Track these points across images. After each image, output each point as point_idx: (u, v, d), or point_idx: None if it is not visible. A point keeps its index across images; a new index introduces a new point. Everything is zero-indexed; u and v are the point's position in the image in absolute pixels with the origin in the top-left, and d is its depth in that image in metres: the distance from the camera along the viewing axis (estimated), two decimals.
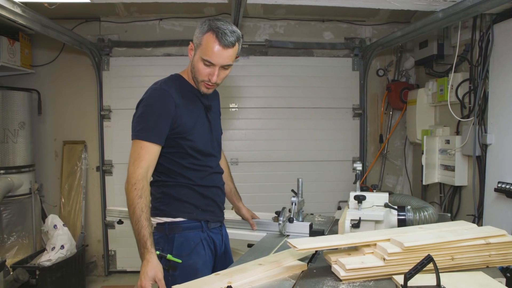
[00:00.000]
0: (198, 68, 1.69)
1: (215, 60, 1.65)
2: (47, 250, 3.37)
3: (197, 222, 1.78)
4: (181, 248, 1.73)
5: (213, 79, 1.69)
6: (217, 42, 1.62)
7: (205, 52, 1.64)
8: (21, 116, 3.63)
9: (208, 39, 1.63)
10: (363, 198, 1.87)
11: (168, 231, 1.76)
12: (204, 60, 1.66)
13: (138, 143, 1.64)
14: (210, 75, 1.69)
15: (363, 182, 4.21)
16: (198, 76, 1.71)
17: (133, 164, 1.61)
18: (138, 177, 1.59)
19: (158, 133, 1.65)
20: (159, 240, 1.75)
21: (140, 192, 1.58)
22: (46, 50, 4.04)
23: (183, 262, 1.68)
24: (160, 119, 1.65)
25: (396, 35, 3.49)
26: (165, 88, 1.70)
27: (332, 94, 4.22)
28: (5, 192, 3.39)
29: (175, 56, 4.10)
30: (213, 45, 1.63)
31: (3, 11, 2.51)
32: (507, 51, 2.65)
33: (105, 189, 4.12)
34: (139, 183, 1.58)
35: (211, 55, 1.64)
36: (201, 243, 1.78)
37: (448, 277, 1.33)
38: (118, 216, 2.82)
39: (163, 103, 1.67)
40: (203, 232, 1.79)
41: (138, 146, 1.63)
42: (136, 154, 1.62)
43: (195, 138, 1.75)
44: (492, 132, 2.80)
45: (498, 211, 2.72)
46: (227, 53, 1.65)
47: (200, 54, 1.66)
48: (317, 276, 1.48)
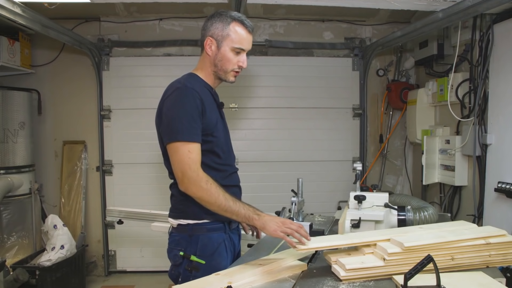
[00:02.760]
0: (229, 58, 1.74)
1: (246, 45, 1.74)
2: (47, 250, 3.37)
3: (220, 223, 1.76)
4: (205, 249, 1.71)
5: (245, 64, 1.76)
6: (245, 29, 1.73)
7: (236, 40, 1.72)
8: (21, 116, 3.63)
9: (235, 28, 1.72)
10: (363, 198, 1.87)
11: (192, 231, 1.73)
12: (235, 49, 1.73)
13: (185, 145, 1.61)
14: (240, 62, 1.75)
15: (363, 182, 4.21)
16: (228, 67, 1.75)
17: (190, 169, 1.60)
18: (202, 178, 1.59)
19: (197, 132, 1.64)
20: (180, 241, 1.74)
21: (211, 186, 1.59)
22: (46, 50, 4.04)
23: (206, 263, 1.67)
24: (195, 118, 1.64)
25: (396, 35, 3.49)
26: (190, 86, 1.68)
27: (332, 94, 4.22)
28: (5, 192, 3.38)
29: (175, 56, 4.10)
30: (242, 32, 1.72)
31: (3, 11, 2.51)
32: (507, 51, 2.65)
33: (105, 189, 4.12)
34: (206, 182, 1.59)
35: (243, 42, 1.73)
36: (223, 244, 1.76)
37: (448, 277, 1.33)
38: (118, 216, 2.83)
39: (193, 101, 1.65)
40: (225, 233, 1.78)
41: (186, 149, 1.61)
42: (188, 158, 1.60)
43: (218, 134, 1.75)
44: (492, 132, 2.80)
45: (498, 211, 2.72)
46: (251, 37, 1.76)
47: (231, 44, 1.72)
48: (317, 276, 1.48)
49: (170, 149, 1.65)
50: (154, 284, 3.90)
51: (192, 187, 1.59)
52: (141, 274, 4.10)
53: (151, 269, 4.11)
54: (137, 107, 4.04)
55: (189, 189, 1.60)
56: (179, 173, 1.61)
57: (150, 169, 4.06)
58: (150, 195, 4.04)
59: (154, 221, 2.62)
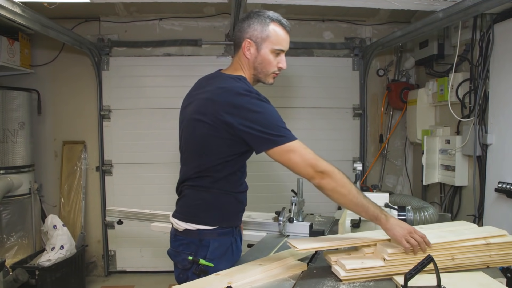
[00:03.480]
0: (269, 60, 1.71)
1: (285, 46, 1.72)
2: (47, 250, 3.36)
3: (230, 228, 1.73)
4: (215, 253, 1.67)
5: (284, 65, 1.74)
6: (283, 29, 1.70)
7: (276, 41, 1.69)
8: (21, 116, 3.63)
9: (275, 29, 1.69)
10: None
11: (202, 236, 1.67)
12: (275, 50, 1.70)
13: (297, 144, 1.56)
14: (280, 63, 1.73)
15: (363, 182, 4.20)
16: (269, 69, 1.72)
17: (318, 161, 1.53)
18: (334, 169, 1.53)
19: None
20: (190, 244, 1.68)
21: (343, 177, 1.52)
22: (46, 50, 4.03)
23: (214, 266, 1.64)
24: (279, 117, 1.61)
25: (396, 35, 3.49)
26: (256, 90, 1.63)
27: (332, 94, 4.21)
28: (5, 192, 3.38)
29: (175, 56, 4.10)
30: (281, 33, 1.70)
31: (3, 10, 2.50)
32: (508, 51, 2.65)
33: (104, 189, 4.12)
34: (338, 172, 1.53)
35: (282, 42, 1.70)
36: (231, 247, 1.74)
37: (448, 277, 1.33)
38: (117, 216, 2.82)
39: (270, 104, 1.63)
40: (233, 236, 1.76)
41: (301, 147, 1.56)
42: (309, 153, 1.55)
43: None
44: (492, 132, 2.80)
45: (499, 211, 2.72)
46: (289, 37, 1.74)
47: (271, 46, 1.69)
48: (317, 276, 1.48)
49: (282, 153, 1.56)
50: (154, 284, 3.90)
51: (328, 179, 1.50)
52: (141, 274, 4.10)
53: (151, 269, 4.10)
54: (137, 107, 4.04)
55: (325, 181, 1.51)
56: (309, 169, 1.52)
57: (150, 169, 4.06)
58: (150, 195, 4.04)
59: (154, 221, 2.61)
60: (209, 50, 4.10)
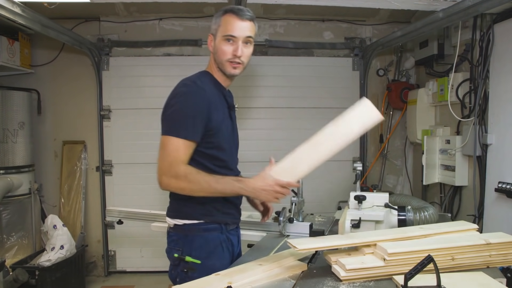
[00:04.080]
0: (221, 48, 1.71)
1: (237, 32, 1.69)
2: (47, 250, 3.36)
3: (217, 224, 1.76)
4: (201, 250, 1.71)
5: (238, 52, 1.69)
6: (235, 16, 1.69)
7: (226, 28, 1.69)
8: (21, 116, 3.63)
9: (226, 17, 1.71)
10: (363, 198, 1.87)
11: (188, 231, 1.73)
12: (226, 37, 1.69)
13: (176, 141, 1.60)
14: (234, 51, 1.70)
15: (363, 182, 4.20)
16: (223, 57, 1.72)
17: (171, 165, 1.59)
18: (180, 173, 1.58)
19: (195, 131, 1.62)
20: (178, 240, 1.74)
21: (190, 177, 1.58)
22: (46, 50, 4.03)
23: (202, 264, 1.67)
24: (196, 117, 1.62)
25: (396, 35, 3.49)
26: (200, 85, 1.68)
27: (332, 94, 4.21)
28: (5, 192, 3.38)
29: (175, 56, 4.10)
30: (232, 20, 1.69)
31: (3, 10, 2.50)
32: (508, 51, 2.65)
33: (104, 189, 4.12)
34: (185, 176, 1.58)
35: (232, 29, 1.69)
36: (221, 245, 1.76)
37: (448, 277, 1.32)
38: (117, 216, 2.82)
39: (200, 100, 1.64)
40: (222, 234, 1.77)
41: (175, 146, 1.61)
42: (173, 156, 1.60)
43: (222, 137, 1.72)
44: (492, 132, 2.80)
45: (499, 211, 2.72)
46: (246, 24, 1.71)
47: (221, 34, 1.71)
48: (317, 276, 1.48)
49: (161, 141, 1.64)
50: (154, 284, 3.89)
51: (171, 182, 1.59)
52: (141, 274, 4.10)
53: (151, 269, 4.10)
54: (137, 107, 4.04)
55: (170, 184, 1.60)
56: (161, 167, 1.61)
57: (150, 169, 4.01)
58: (150, 195, 4.03)
59: (154, 221, 2.61)
60: (209, 50, 4.09)
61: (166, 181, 1.60)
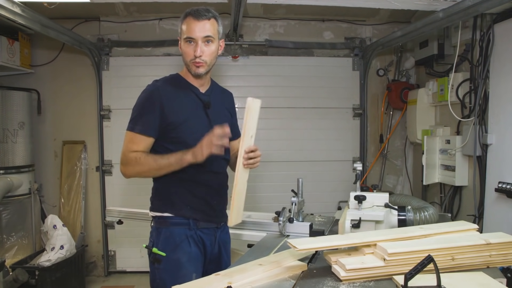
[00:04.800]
0: (184, 50, 1.81)
1: (194, 33, 1.77)
2: (47, 250, 3.36)
3: (184, 219, 1.81)
4: (166, 243, 1.79)
5: (197, 53, 1.77)
6: (192, 18, 1.78)
7: (185, 32, 1.79)
8: (21, 116, 3.63)
9: (186, 20, 1.80)
10: (363, 198, 1.87)
11: (158, 224, 1.84)
12: (186, 40, 1.78)
13: (129, 135, 1.79)
14: (194, 51, 1.78)
15: (363, 182, 4.20)
16: (186, 58, 1.81)
17: (123, 154, 1.79)
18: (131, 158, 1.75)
19: (146, 125, 1.76)
20: (152, 233, 1.86)
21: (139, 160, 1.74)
22: (46, 50, 4.03)
23: (167, 256, 1.76)
24: (146, 112, 1.77)
25: (396, 35, 3.49)
26: (156, 83, 1.85)
27: (332, 94, 4.21)
28: (5, 192, 3.38)
29: (175, 56, 4.09)
30: (190, 22, 1.78)
31: (3, 10, 2.50)
32: (508, 50, 2.65)
33: (104, 189, 4.12)
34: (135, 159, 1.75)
35: (190, 30, 1.77)
36: (187, 240, 1.80)
37: (448, 277, 1.32)
38: (117, 216, 2.82)
39: (150, 96, 1.80)
40: (190, 230, 1.81)
41: (128, 138, 1.78)
42: (126, 147, 1.78)
43: (184, 132, 1.79)
44: (492, 132, 2.80)
45: (499, 211, 2.72)
46: (202, 24, 1.78)
47: (183, 36, 1.80)
48: (317, 276, 1.48)
49: (125, 135, 1.81)
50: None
51: (127, 169, 1.77)
52: (141, 274, 4.09)
53: None
54: None
55: (126, 171, 1.78)
56: (120, 159, 1.78)
57: None
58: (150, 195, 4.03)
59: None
60: None
61: (123, 169, 1.78)
